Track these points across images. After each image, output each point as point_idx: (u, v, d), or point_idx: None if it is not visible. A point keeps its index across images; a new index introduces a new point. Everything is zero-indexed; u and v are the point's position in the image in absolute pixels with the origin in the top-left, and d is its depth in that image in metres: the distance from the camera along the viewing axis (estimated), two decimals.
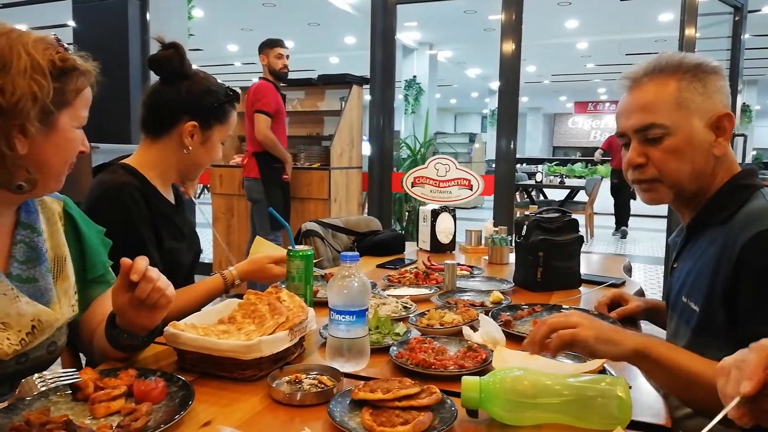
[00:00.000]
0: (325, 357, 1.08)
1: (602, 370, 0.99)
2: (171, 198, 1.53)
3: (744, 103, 13.78)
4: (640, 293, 1.67)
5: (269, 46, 4.07)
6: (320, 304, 1.32)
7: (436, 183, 4.09)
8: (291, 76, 5.27)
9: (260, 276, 1.49)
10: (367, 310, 1.04)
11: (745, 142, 10.26)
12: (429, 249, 2.28)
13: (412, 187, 4.04)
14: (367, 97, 4.48)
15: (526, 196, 8.02)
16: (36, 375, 0.82)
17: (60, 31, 1.14)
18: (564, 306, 1.41)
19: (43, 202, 1.08)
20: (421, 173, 4.05)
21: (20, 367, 0.96)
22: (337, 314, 1.03)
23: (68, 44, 0.98)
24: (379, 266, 1.98)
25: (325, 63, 12.54)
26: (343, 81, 4.59)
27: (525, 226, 1.67)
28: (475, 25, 9.11)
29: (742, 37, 4.93)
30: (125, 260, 0.93)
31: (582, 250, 1.73)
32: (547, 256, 1.63)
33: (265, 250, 1.56)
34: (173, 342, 1.00)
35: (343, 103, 4.46)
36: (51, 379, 0.83)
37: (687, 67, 1.06)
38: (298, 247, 1.38)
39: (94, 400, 0.84)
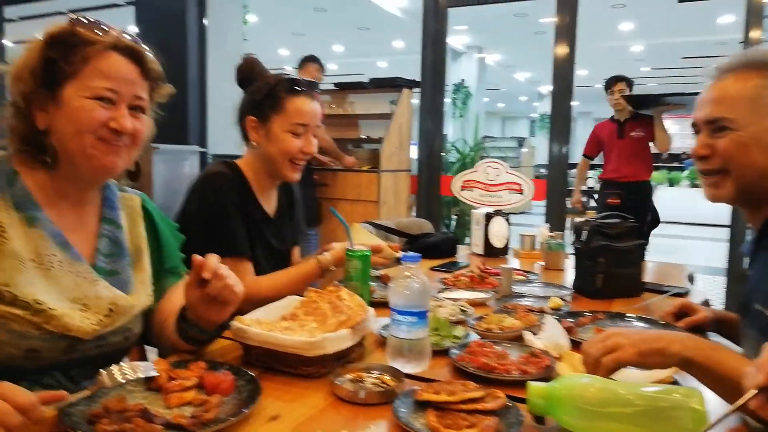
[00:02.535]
0: (384, 356, 1.08)
1: (673, 381, 0.95)
2: (269, 207, 1.61)
3: None
4: (706, 303, 1.60)
5: (312, 61, 4.21)
6: (376, 304, 1.32)
7: (485, 187, 4.05)
8: (341, 79, 5.35)
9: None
10: (428, 311, 1.04)
11: None
12: (482, 253, 2.25)
13: (462, 190, 4.03)
14: (416, 101, 4.48)
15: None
16: (114, 366, 0.85)
17: None
18: (628, 315, 1.37)
19: (124, 198, 1.14)
20: (470, 177, 4.02)
21: (98, 351, 1.01)
22: (398, 315, 1.03)
23: (84, 18, 0.99)
24: (432, 269, 1.97)
25: (373, 67, 12.62)
26: (393, 84, 4.61)
27: (585, 232, 1.63)
28: (525, 28, 8.99)
29: None
30: (197, 257, 0.96)
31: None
32: (607, 262, 1.59)
33: (360, 237, 1.58)
34: (240, 337, 1.03)
35: (394, 106, 4.47)
36: (128, 370, 0.86)
37: None
38: (356, 247, 1.39)
39: (168, 390, 0.87)
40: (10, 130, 0.96)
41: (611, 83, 4.30)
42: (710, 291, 5.06)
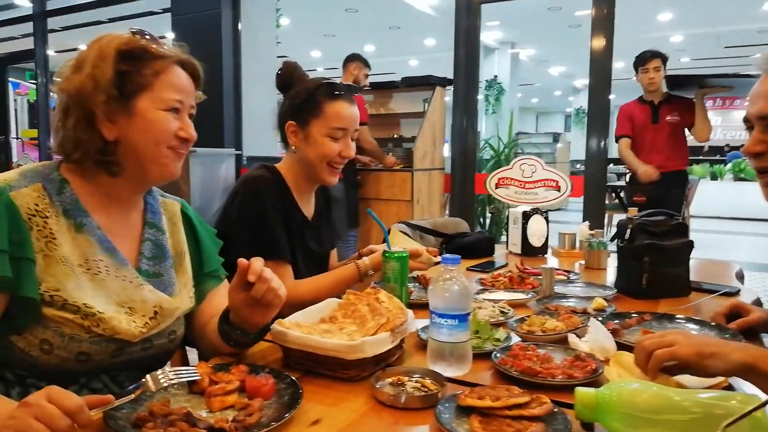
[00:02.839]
0: (424, 359, 1.07)
1: (728, 386, 0.91)
2: (308, 210, 1.62)
3: None
4: (758, 303, 1.53)
5: (355, 59, 4.19)
6: (414, 306, 1.31)
7: (521, 184, 3.98)
8: (373, 79, 5.35)
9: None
10: (469, 314, 1.02)
11: None
12: (520, 252, 2.21)
13: (496, 188, 3.97)
14: (449, 99, 4.45)
15: (615, 197, 7.65)
16: (158, 371, 0.87)
17: None
18: (677, 316, 1.31)
19: (165, 203, 1.17)
20: (505, 174, 3.96)
21: (144, 353, 1.03)
22: (439, 317, 1.01)
23: (147, 33, 1.02)
24: (469, 269, 1.94)
25: (404, 66, 12.59)
26: (426, 83, 4.58)
27: (629, 230, 1.58)
28: (559, 22, 8.83)
29: None
30: (242, 260, 0.97)
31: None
32: (653, 261, 1.53)
33: (398, 242, 1.58)
34: (280, 339, 1.03)
35: (426, 104, 4.45)
36: (172, 374, 0.87)
37: None
38: (393, 249, 1.38)
39: (210, 393, 0.87)
40: (74, 142, 0.97)
41: (645, 60, 3.91)
42: (758, 289, 4.87)
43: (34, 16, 6.25)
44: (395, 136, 4.87)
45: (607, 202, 7.67)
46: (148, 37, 1.02)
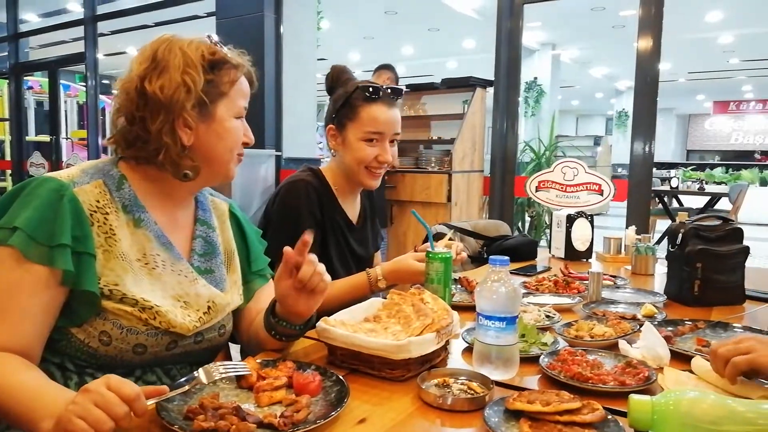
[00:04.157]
0: (469, 362, 1.05)
1: None
2: (353, 213, 1.63)
3: None
4: None
5: (385, 69, 4.22)
6: (456, 308, 1.30)
7: (562, 187, 3.92)
8: (412, 81, 5.34)
9: (404, 275, 1.46)
10: (517, 317, 1.00)
11: None
12: (563, 256, 2.17)
13: (537, 191, 3.91)
14: (489, 101, 4.40)
15: (659, 202, 7.43)
16: (210, 365, 0.88)
17: None
18: (734, 324, 1.26)
19: (214, 202, 1.20)
20: (546, 177, 3.90)
21: (197, 346, 1.06)
22: (486, 320, 1.00)
23: (221, 42, 1.06)
24: (512, 272, 1.91)
25: (442, 67, 12.54)
26: (466, 84, 4.55)
27: (680, 234, 1.53)
28: (602, 23, 8.64)
29: None
30: (288, 249, 0.98)
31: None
32: (706, 267, 1.48)
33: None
34: (325, 337, 1.03)
35: (466, 106, 4.41)
36: (222, 368, 0.89)
37: None
38: (438, 249, 1.37)
39: (259, 389, 0.88)
40: (156, 145, 0.98)
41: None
42: None
43: (85, 21, 6.48)
44: (433, 137, 4.84)
45: (650, 207, 7.47)
46: (223, 46, 1.05)
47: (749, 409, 0.74)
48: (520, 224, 5.57)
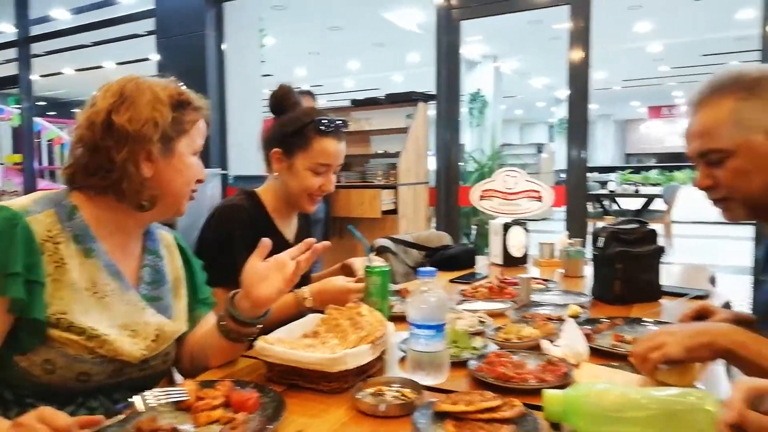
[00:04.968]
0: (405, 370, 1.11)
1: (691, 385, 0.96)
2: (289, 234, 1.64)
3: None
4: (727, 306, 1.59)
5: (305, 94, 4.31)
6: (396, 319, 1.35)
7: (504, 195, 4.05)
8: (358, 96, 5.43)
9: (332, 295, 1.44)
10: (445, 324, 1.07)
11: None
12: (501, 263, 2.26)
13: (481, 200, 4.04)
14: (432, 113, 4.52)
15: (598, 206, 7.76)
16: (147, 392, 0.90)
17: (143, 65, 1.30)
18: (645, 319, 1.37)
19: (161, 233, 1.23)
20: (489, 186, 4.03)
21: (141, 374, 1.08)
22: (416, 329, 1.06)
23: (182, 84, 1.13)
24: (451, 281, 1.99)
25: (388, 81, 12.72)
26: (409, 99, 4.66)
27: (602, 238, 1.64)
28: (540, 35, 8.99)
29: None
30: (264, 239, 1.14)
31: (662, 260, 1.68)
32: (625, 268, 1.59)
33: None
34: (264, 355, 1.07)
35: (410, 120, 4.52)
36: (160, 395, 0.91)
37: (743, 84, 1.05)
38: (376, 263, 1.42)
39: (197, 409, 0.91)
40: (120, 175, 1.03)
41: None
42: (738, 291, 4.95)
43: (18, 42, 6.28)
44: (377, 152, 4.93)
45: (591, 210, 7.79)
46: (185, 89, 1.13)
47: (644, 396, 0.82)
48: (467, 233, 5.71)
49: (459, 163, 4.59)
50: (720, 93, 1.07)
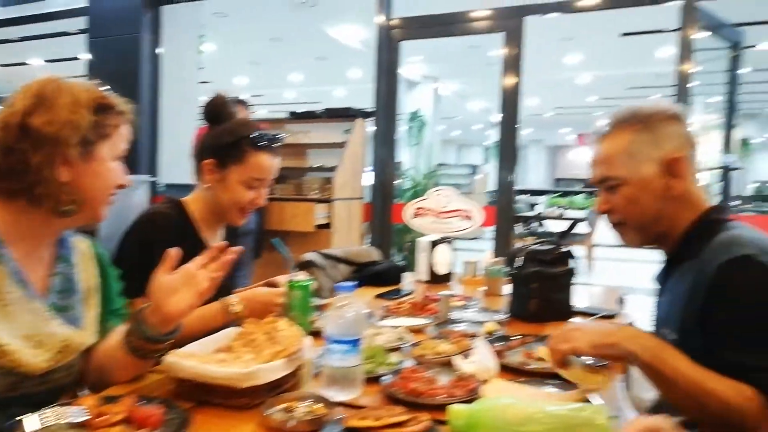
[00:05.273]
0: (319, 386, 1.11)
1: (585, 400, 1.01)
2: (214, 243, 1.58)
3: (743, 137, 13.83)
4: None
5: (239, 103, 4.29)
6: (317, 334, 1.35)
7: (437, 214, 4.14)
8: (298, 108, 5.40)
9: (258, 303, 1.44)
10: (360, 340, 1.08)
11: (741, 175, 10.20)
12: (427, 280, 2.30)
13: (414, 218, 4.10)
14: (370, 129, 4.57)
15: (527, 227, 8.05)
16: (41, 411, 0.86)
17: (73, 64, 1.25)
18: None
19: (76, 240, 1.18)
20: (422, 204, 4.10)
21: (42, 387, 1.02)
22: (332, 343, 1.06)
23: (107, 88, 1.10)
24: (377, 296, 2.01)
25: (331, 96, 12.75)
26: (347, 114, 4.69)
27: (519, 258, 1.71)
28: (478, 60, 9.28)
29: (738, 72, 5.03)
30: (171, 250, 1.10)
31: (583, 281, 1.77)
32: (540, 287, 1.66)
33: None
34: (172, 370, 1.04)
35: (347, 135, 4.54)
36: (52, 415, 0.86)
37: (639, 119, 1.16)
38: (297, 278, 1.42)
39: (94, 426, 0.87)
40: (34, 179, 0.99)
41: None
42: (646, 310, 5.23)
43: None
44: (312, 165, 4.92)
45: (523, 230, 8.08)
46: (109, 93, 1.10)
47: (541, 412, 0.87)
48: (401, 249, 5.77)
49: (395, 181, 4.65)
50: (619, 126, 1.18)
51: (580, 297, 1.83)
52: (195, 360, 1.07)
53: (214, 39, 7.70)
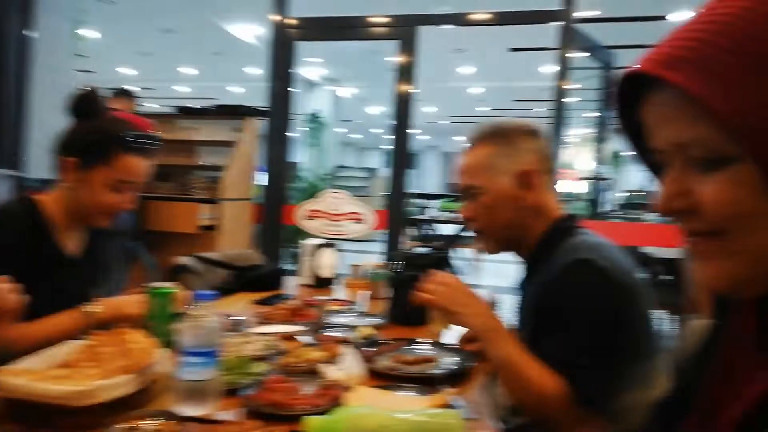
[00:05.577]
0: (173, 401, 1.03)
1: (447, 405, 1.03)
2: (73, 247, 1.45)
3: (615, 150, 15.13)
4: None
5: (124, 95, 4.08)
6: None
7: (330, 217, 4.13)
8: (190, 104, 5.15)
9: (120, 309, 1.36)
10: (217, 350, 1.02)
11: (612, 185, 11.14)
12: (311, 284, 2.26)
13: (306, 220, 4.05)
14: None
15: (419, 231, 8.25)
16: None
17: None
18: (418, 339, 1.46)
19: None
20: (315, 207, 4.07)
21: None
22: (186, 355, 0.99)
23: None
24: (255, 302, 1.93)
25: (227, 92, 12.33)
26: (239, 112, 4.54)
27: (398, 262, 1.72)
28: (376, 66, 9.38)
29: (610, 90, 5.49)
30: None
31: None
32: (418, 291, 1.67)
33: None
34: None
35: (238, 133, 4.39)
36: None
37: (499, 133, 1.24)
38: (159, 284, 1.32)
39: None
40: None
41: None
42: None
43: None
44: (202, 164, 4.71)
45: (416, 233, 8.25)
46: None
47: (396, 421, 0.86)
48: (293, 253, 5.68)
49: (288, 182, 4.57)
50: (482, 140, 1.25)
51: None
52: (28, 377, 0.95)
53: (100, 26, 7.16)
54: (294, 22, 4.28)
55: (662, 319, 4.89)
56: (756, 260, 0.43)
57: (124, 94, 4.14)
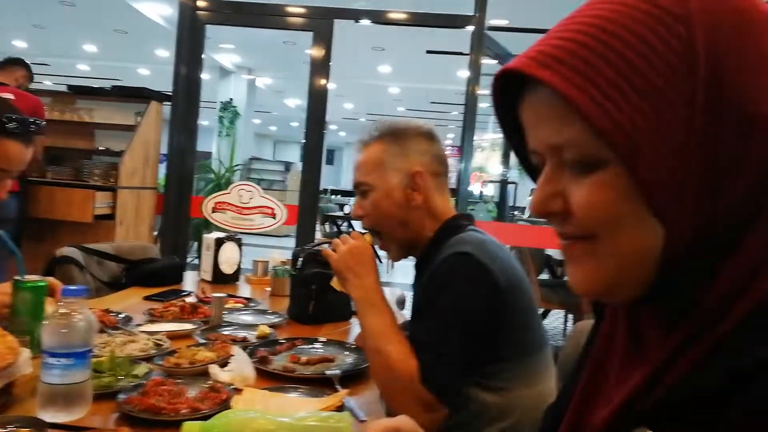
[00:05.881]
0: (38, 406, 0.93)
1: (341, 407, 1.00)
2: None
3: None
4: (404, 326, 1.76)
5: (18, 65, 3.72)
6: None
7: (238, 210, 3.99)
8: (87, 83, 4.77)
9: None
10: (89, 351, 0.93)
11: (518, 188, 11.59)
12: (211, 280, 2.16)
13: (213, 212, 3.88)
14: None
15: (335, 227, 8.21)
16: None
17: None
18: (319, 339, 1.43)
19: None
20: (223, 199, 3.91)
21: None
22: (50, 357, 0.90)
23: None
24: (146, 298, 1.81)
25: (133, 73, 11.62)
26: (140, 95, 4.25)
27: (300, 259, 1.67)
28: (294, 57, 9.22)
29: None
30: None
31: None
32: (320, 288, 1.64)
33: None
34: None
35: (139, 118, 4.12)
36: None
37: (393, 132, 1.24)
38: (28, 277, 1.19)
39: None
40: None
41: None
42: None
43: None
44: (100, 148, 4.38)
45: (327, 230, 8.20)
46: None
47: (280, 424, 0.82)
48: (197, 246, 5.45)
49: (194, 172, 4.36)
50: (377, 137, 1.25)
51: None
52: None
53: None
54: (204, 3, 4.08)
55: (561, 319, 5.17)
56: (624, 265, 0.43)
57: (14, 63, 3.74)
